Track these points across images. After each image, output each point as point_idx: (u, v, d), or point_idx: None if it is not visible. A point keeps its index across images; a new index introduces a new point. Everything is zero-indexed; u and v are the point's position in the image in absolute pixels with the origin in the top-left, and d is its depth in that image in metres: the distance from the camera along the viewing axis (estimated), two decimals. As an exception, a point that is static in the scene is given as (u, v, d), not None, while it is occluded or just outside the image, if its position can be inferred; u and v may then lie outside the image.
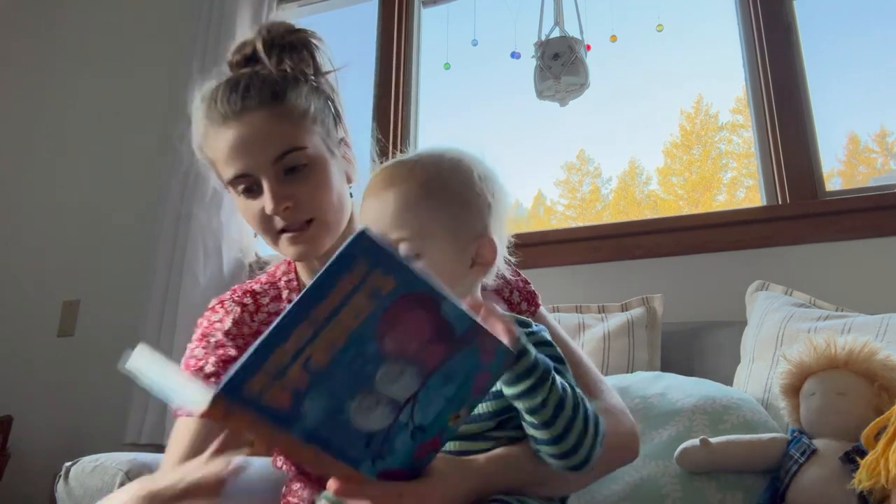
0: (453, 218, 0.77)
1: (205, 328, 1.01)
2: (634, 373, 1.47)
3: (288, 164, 0.92)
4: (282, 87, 0.94)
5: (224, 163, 0.94)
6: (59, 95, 2.92)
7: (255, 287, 1.06)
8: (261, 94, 0.93)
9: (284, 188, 0.92)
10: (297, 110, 0.94)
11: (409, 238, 0.75)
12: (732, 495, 1.11)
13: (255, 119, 0.91)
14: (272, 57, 0.98)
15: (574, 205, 2.55)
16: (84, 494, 1.18)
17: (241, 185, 0.94)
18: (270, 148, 0.91)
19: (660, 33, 2.17)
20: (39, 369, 2.51)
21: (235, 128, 0.92)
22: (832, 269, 1.75)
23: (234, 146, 0.92)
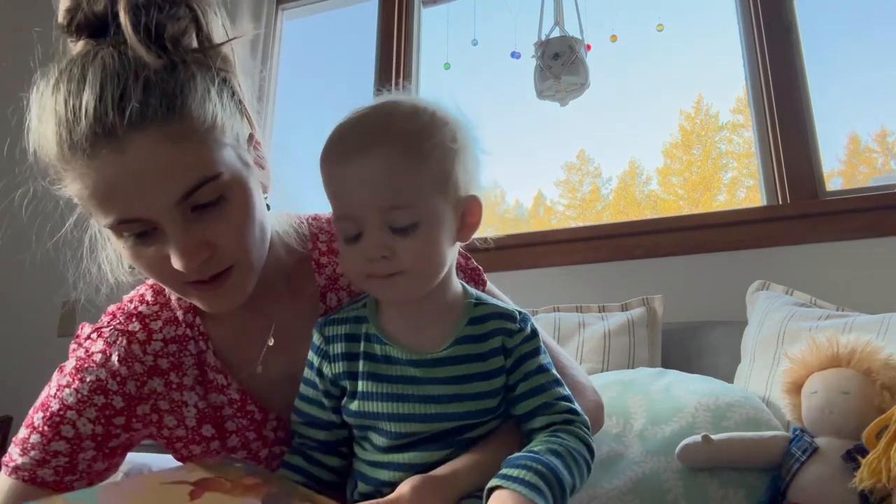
0: (443, 175, 0.67)
1: (80, 360, 0.81)
2: (637, 368, 1.47)
3: (198, 200, 0.67)
4: (174, 89, 0.65)
5: (99, 206, 0.66)
6: (59, 95, 2.92)
7: (142, 308, 0.83)
8: (145, 105, 0.63)
9: (196, 234, 0.68)
10: (200, 124, 0.66)
11: (406, 205, 0.65)
12: (734, 492, 1.11)
13: (145, 145, 0.63)
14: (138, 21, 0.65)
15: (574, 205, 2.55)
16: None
17: (128, 232, 0.68)
18: (172, 186, 0.65)
19: (660, 33, 2.18)
20: (39, 369, 2.50)
21: (115, 160, 0.63)
22: (832, 269, 1.75)
23: (115, 187, 0.63)
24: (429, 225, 0.66)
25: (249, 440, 0.82)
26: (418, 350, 0.72)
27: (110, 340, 0.80)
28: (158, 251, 0.68)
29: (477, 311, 0.74)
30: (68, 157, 0.65)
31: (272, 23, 2.64)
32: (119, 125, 0.62)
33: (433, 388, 0.71)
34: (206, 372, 0.81)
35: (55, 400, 0.78)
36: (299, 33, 2.81)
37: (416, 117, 0.67)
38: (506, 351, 0.73)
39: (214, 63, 0.71)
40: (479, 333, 0.73)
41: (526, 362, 0.73)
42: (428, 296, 0.71)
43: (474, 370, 0.72)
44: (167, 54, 0.66)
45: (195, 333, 0.81)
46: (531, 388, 0.73)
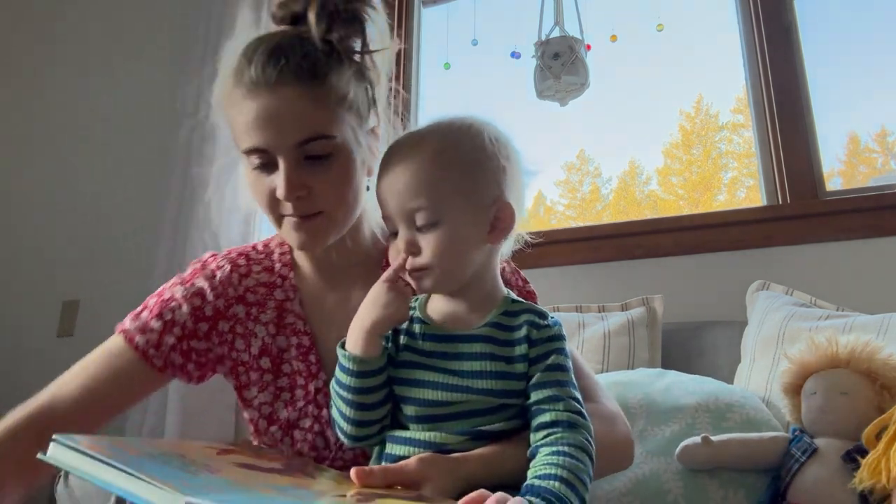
0: (467, 181, 0.76)
1: (195, 270, 1.00)
2: (637, 369, 1.47)
3: (311, 150, 0.84)
4: (324, 65, 0.85)
5: (243, 131, 0.86)
6: (60, 95, 2.92)
7: (251, 253, 1.02)
8: (300, 68, 0.84)
9: (301, 175, 0.85)
10: (334, 95, 0.85)
11: (426, 206, 0.75)
12: (734, 493, 1.11)
13: (288, 95, 0.83)
14: (321, 23, 0.87)
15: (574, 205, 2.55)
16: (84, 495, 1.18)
17: (256, 160, 0.86)
18: (297, 130, 0.83)
19: (660, 33, 2.18)
20: (39, 369, 2.50)
21: (264, 99, 0.83)
22: (832, 269, 1.75)
23: (259, 118, 0.83)
24: (449, 224, 0.75)
25: (296, 385, 0.93)
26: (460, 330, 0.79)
27: (220, 264, 0.99)
28: (270, 182, 0.86)
29: (513, 307, 0.81)
30: (234, 91, 0.86)
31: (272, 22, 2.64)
32: (273, 76, 0.83)
33: (459, 363, 0.77)
34: (286, 316, 0.96)
35: (168, 290, 0.99)
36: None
37: (450, 131, 0.79)
38: (530, 341, 0.77)
39: (363, 63, 0.92)
40: (509, 323, 0.79)
41: (548, 356, 0.77)
42: (467, 290, 0.80)
43: (499, 351, 0.77)
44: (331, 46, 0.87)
45: (285, 285, 0.98)
46: (546, 380, 0.76)
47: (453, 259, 0.77)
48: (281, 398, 0.93)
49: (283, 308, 0.97)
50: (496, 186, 0.78)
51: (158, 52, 2.78)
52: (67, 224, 2.71)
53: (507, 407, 0.76)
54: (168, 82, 2.66)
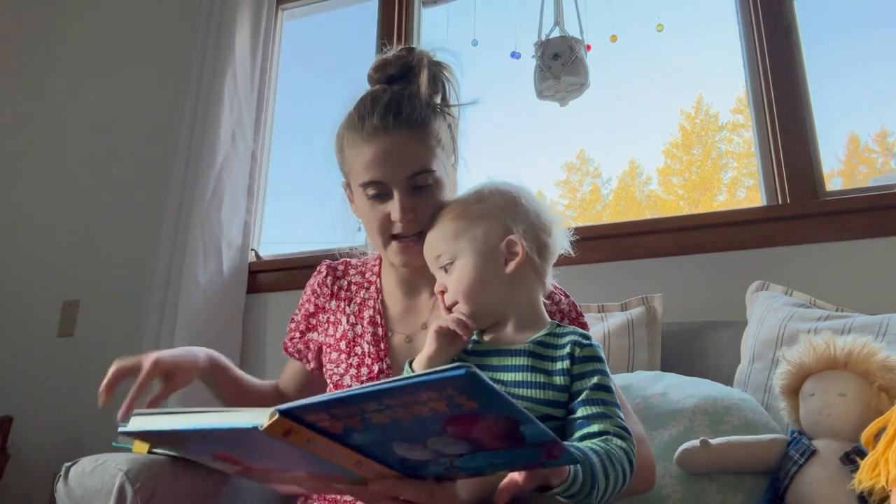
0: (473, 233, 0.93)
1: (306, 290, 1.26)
2: (635, 372, 1.47)
3: (418, 182, 1.04)
4: (427, 114, 1.07)
5: (364, 168, 1.05)
6: (60, 96, 2.92)
7: (352, 260, 1.26)
8: (410, 117, 1.04)
9: (412, 201, 1.03)
10: (434, 138, 1.06)
11: (442, 254, 0.94)
12: (733, 496, 1.11)
13: (402, 138, 1.03)
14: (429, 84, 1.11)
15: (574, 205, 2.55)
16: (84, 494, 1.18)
17: (373, 190, 1.05)
18: (409, 165, 1.03)
19: (660, 33, 2.17)
20: (39, 369, 2.51)
21: (383, 141, 1.03)
22: (832, 269, 1.75)
23: (379, 156, 1.03)
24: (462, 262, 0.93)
25: (363, 363, 1.13)
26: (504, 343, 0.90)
27: (320, 269, 1.26)
28: (384, 209, 1.05)
29: (559, 329, 0.90)
30: (355, 139, 1.06)
31: (272, 23, 2.64)
32: (392, 123, 1.03)
33: (504, 374, 0.86)
34: (367, 310, 1.18)
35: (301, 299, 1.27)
36: (299, 33, 2.81)
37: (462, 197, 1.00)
38: (573, 357, 0.85)
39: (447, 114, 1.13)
40: (554, 342, 0.88)
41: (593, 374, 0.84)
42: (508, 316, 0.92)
43: (539, 364, 0.86)
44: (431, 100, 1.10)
45: (371, 288, 1.20)
46: (593, 398, 0.82)
47: (472, 290, 0.91)
48: (349, 373, 1.13)
49: (365, 305, 1.18)
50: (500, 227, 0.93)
51: (159, 52, 2.79)
52: (68, 224, 2.71)
53: (550, 418, 0.82)
54: (169, 82, 2.67)
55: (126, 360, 1.10)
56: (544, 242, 0.95)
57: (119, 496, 1.06)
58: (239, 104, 2.45)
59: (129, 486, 1.06)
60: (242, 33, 2.51)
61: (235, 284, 2.34)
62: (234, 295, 2.33)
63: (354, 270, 1.24)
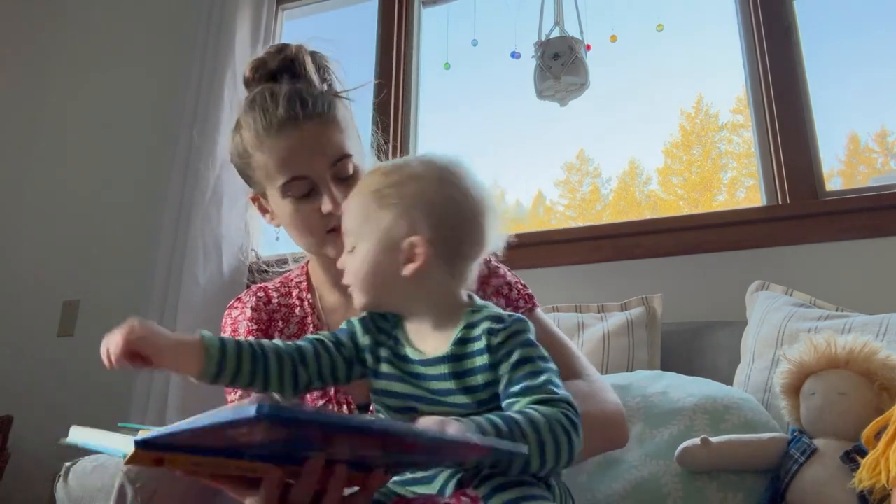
0: (378, 220, 0.84)
1: (231, 325, 1.13)
2: (635, 371, 1.47)
3: (340, 169, 1.01)
4: (331, 101, 1.03)
5: (280, 166, 1.00)
6: (60, 95, 2.92)
7: (269, 286, 1.18)
8: (316, 104, 1.01)
9: (341, 191, 0.99)
10: (343, 122, 1.03)
11: (349, 235, 0.87)
12: (733, 495, 1.11)
13: (314, 126, 0.99)
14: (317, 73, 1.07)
15: (574, 205, 2.54)
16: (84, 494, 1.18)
17: (296, 190, 1.00)
18: (329, 153, 1.00)
19: (660, 33, 2.17)
20: (39, 369, 2.51)
21: (295, 134, 0.99)
22: (832, 269, 1.75)
23: (295, 149, 0.99)
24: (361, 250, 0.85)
25: None
26: (428, 351, 0.84)
27: (245, 301, 1.15)
28: (311, 206, 1.00)
29: (473, 318, 0.83)
30: (263, 138, 1.00)
31: (272, 23, 2.64)
32: (301, 113, 0.98)
33: (435, 383, 0.81)
34: (307, 328, 1.11)
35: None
36: (299, 33, 2.81)
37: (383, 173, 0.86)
38: (490, 349, 0.79)
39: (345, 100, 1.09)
40: (471, 336, 0.82)
41: (510, 355, 0.79)
42: (423, 314, 0.85)
43: (465, 367, 0.80)
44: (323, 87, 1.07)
45: (304, 304, 1.14)
46: (516, 378, 0.78)
47: (366, 281, 0.85)
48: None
49: (304, 323, 1.11)
50: (406, 222, 0.83)
51: (159, 51, 2.79)
52: (68, 224, 2.71)
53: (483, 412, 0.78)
54: (169, 82, 2.67)
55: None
56: (458, 244, 0.84)
57: (119, 496, 1.06)
58: (239, 104, 2.44)
59: (129, 486, 1.06)
60: (242, 33, 2.51)
61: (235, 285, 2.34)
62: (233, 295, 2.32)
63: (277, 293, 1.16)
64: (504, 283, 1.08)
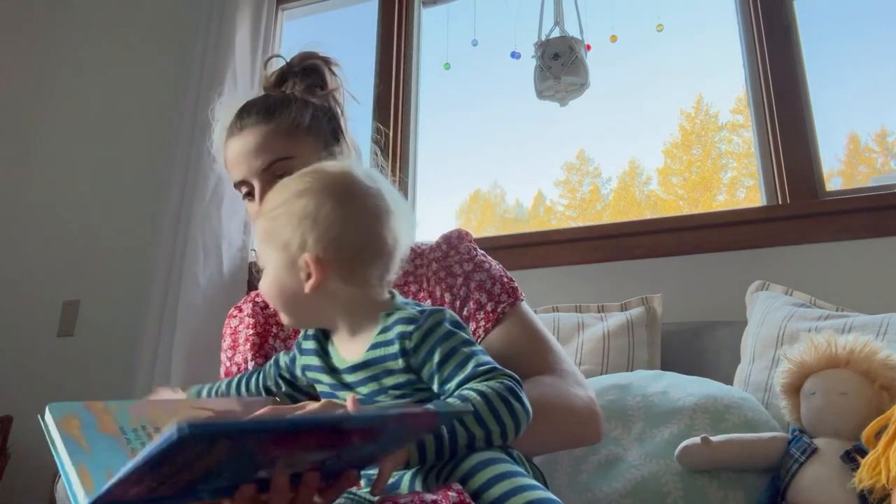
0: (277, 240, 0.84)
1: (231, 335, 1.16)
2: (635, 371, 1.47)
3: (276, 171, 1.02)
4: (277, 105, 1.07)
5: (229, 170, 1.09)
6: (60, 95, 2.92)
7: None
8: (258, 112, 1.06)
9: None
10: (287, 124, 1.06)
11: (258, 255, 0.88)
12: (733, 494, 1.11)
13: (252, 133, 1.05)
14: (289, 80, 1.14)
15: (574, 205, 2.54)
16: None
17: (242, 190, 1.07)
18: (261, 157, 1.04)
19: (660, 33, 2.17)
20: (39, 369, 2.51)
21: (237, 141, 1.06)
22: (832, 269, 1.75)
23: (236, 156, 1.06)
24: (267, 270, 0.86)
25: None
26: (348, 359, 0.85)
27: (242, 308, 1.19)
28: (254, 207, 1.04)
29: (387, 321, 0.83)
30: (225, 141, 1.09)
31: (272, 23, 2.64)
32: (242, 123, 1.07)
33: (362, 388, 0.83)
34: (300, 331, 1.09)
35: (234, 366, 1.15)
36: (299, 33, 2.81)
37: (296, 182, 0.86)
38: (404, 352, 0.80)
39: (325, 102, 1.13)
40: (386, 339, 0.82)
41: (431, 354, 0.79)
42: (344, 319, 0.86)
43: (383, 369, 0.81)
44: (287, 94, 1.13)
45: None
46: (446, 376, 0.78)
47: (278, 301, 0.86)
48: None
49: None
50: (299, 239, 0.82)
51: (159, 51, 2.79)
52: (68, 224, 2.71)
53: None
54: (168, 83, 2.67)
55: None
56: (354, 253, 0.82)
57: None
58: (239, 104, 2.44)
59: None
60: (242, 33, 2.51)
61: (235, 284, 2.34)
62: (234, 295, 2.33)
63: None
64: (488, 278, 1.06)
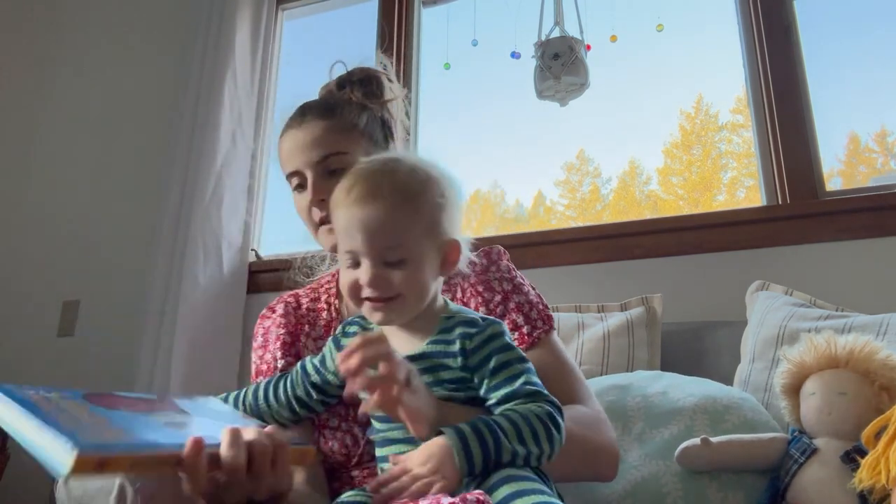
0: (432, 224, 0.86)
1: (263, 335, 1.18)
2: (635, 371, 1.47)
3: (329, 165, 1.08)
4: (337, 105, 1.14)
5: (283, 161, 1.13)
6: (60, 95, 2.92)
7: (300, 292, 1.23)
8: (319, 109, 1.12)
9: (324, 184, 1.07)
10: (345, 123, 1.11)
11: (397, 245, 0.84)
12: (733, 495, 1.11)
13: (311, 127, 1.10)
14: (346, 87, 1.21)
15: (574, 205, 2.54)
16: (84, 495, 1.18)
17: (294, 181, 1.12)
18: (318, 150, 1.08)
19: (660, 33, 2.17)
20: (39, 369, 2.51)
21: (295, 134, 1.11)
22: (832, 269, 1.75)
23: (291, 147, 1.11)
24: (414, 261, 0.85)
25: None
26: (401, 350, 0.86)
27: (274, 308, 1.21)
28: (305, 199, 1.10)
29: (448, 323, 0.88)
30: (282, 134, 1.14)
31: (272, 23, 2.64)
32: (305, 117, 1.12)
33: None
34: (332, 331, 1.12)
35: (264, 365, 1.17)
36: (299, 33, 2.81)
37: (413, 175, 0.87)
38: (465, 352, 0.85)
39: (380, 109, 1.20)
40: (447, 338, 0.87)
41: (488, 360, 0.84)
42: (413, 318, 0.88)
43: (441, 363, 0.86)
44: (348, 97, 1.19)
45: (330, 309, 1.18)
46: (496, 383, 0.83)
47: (417, 291, 0.86)
48: None
49: (329, 327, 1.15)
50: (451, 226, 0.88)
51: (159, 51, 2.79)
52: (68, 224, 2.71)
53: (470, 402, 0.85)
54: (168, 83, 2.67)
55: None
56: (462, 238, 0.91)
57: (119, 496, 1.06)
58: (239, 104, 2.45)
59: (129, 485, 1.06)
60: (242, 33, 2.51)
61: (235, 285, 2.34)
62: (234, 295, 2.33)
63: (307, 298, 1.21)
64: (526, 301, 1.08)
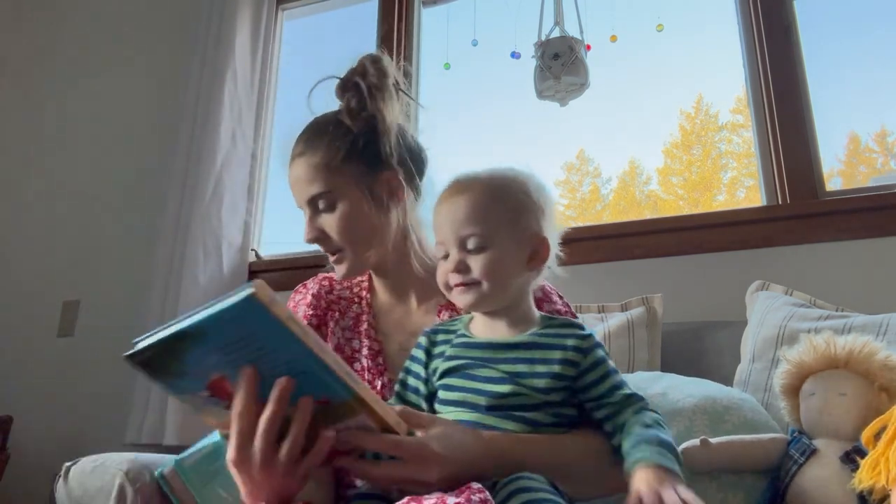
0: (513, 217, 0.91)
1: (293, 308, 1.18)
2: (635, 372, 1.47)
3: (318, 206, 1.08)
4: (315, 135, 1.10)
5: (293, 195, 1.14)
6: (60, 95, 2.92)
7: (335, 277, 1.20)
8: (303, 143, 1.10)
9: (315, 221, 1.09)
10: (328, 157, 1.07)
11: (477, 233, 0.90)
12: (733, 495, 1.11)
13: (296, 166, 1.10)
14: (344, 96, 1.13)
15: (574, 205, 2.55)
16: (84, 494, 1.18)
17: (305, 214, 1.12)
18: (304, 192, 1.09)
19: (660, 33, 2.17)
20: (39, 369, 2.51)
21: (291, 168, 1.11)
22: (832, 269, 1.75)
23: (291, 182, 1.12)
24: (495, 248, 0.90)
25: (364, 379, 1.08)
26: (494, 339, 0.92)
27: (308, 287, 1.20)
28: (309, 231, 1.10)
29: (552, 322, 0.94)
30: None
31: (272, 23, 2.64)
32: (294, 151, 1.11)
33: (503, 365, 0.88)
34: (361, 324, 1.14)
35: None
36: (299, 33, 2.81)
37: (497, 173, 0.95)
38: (580, 350, 0.89)
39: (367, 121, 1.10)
40: (551, 332, 0.91)
41: (601, 364, 0.89)
42: (506, 311, 0.93)
43: (539, 355, 0.88)
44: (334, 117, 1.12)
45: (362, 302, 1.17)
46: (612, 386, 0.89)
47: (497, 279, 0.90)
48: None
49: (359, 319, 1.15)
50: (536, 224, 0.93)
51: (159, 52, 2.79)
52: (68, 224, 2.71)
53: (549, 405, 0.87)
54: (169, 82, 2.67)
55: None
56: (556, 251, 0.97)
57: (119, 496, 1.06)
58: (239, 104, 2.45)
59: (129, 486, 1.06)
60: (242, 33, 2.51)
61: (235, 285, 2.33)
62: (233, 295, 2.33)
63: (340, 285, 1.21)
64: (555, 311, 1.11)
